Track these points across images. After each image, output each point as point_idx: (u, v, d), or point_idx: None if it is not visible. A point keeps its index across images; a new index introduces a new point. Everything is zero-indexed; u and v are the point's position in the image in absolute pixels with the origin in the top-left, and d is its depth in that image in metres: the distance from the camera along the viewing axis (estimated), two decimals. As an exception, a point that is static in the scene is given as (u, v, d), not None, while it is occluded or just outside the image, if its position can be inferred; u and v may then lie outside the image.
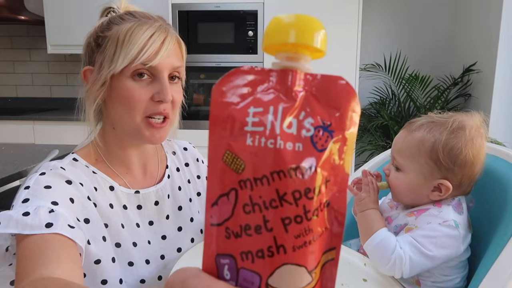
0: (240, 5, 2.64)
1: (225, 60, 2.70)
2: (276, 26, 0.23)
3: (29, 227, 0.57)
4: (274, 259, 0.23)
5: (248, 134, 0.23)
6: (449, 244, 0.70)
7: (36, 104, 3.44)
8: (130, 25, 0.68)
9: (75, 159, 0.75)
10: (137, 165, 0.79)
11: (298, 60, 0.24)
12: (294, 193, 0.22)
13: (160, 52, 0.68)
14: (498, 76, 2.40)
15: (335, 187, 0.24)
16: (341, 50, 2.64)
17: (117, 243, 0.72)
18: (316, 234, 0.23)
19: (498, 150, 0.82)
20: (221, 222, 0.24)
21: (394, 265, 0.69)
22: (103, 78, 0.68)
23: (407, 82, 2.73)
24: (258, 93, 0.23)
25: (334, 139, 0.23)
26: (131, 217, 0.75)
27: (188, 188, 0.86)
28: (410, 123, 0.77)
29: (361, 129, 2.82)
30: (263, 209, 0.23)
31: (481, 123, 0.74)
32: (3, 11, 3.01)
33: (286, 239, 0.22)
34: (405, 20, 3.05)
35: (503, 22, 2.34)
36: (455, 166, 0.71)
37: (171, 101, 0.72)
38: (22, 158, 1.91)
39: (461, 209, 0.74)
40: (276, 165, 0.22)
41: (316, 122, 0.23)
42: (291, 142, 0.23)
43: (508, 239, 0.66)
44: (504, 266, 0.63)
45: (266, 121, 0.23)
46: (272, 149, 0.22)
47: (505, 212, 0.72)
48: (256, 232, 0.23)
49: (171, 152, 0.89)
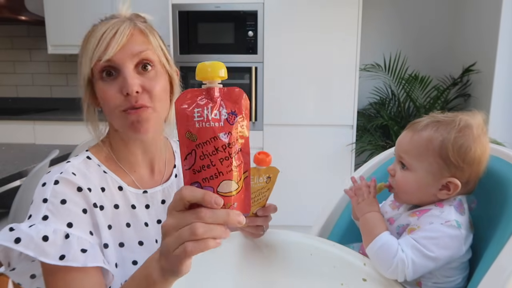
0: (240, 5, 2.64)
1: (225, 60, 2.70)
2: (202, 67, 0.46)
3: (44, 254, 0.63)
4: (218, 179, 0.45)
5: (196, 122, 0.45)
6: (451, 245, 0.70)
7: (36, 104, 3.44)
8: (90, 29, 0.72)
9: (88, 157, 0.77)
10: (143, 163, 0.80)
11: (214, 83, 0.46)
12: (222, 146, 0.45)
13: (111, 45, 0.68)
14: (497, 76, 2.40)
15: (243, 140, 0.47)
16: (341, 50, 2.64)
17: (121, 243, 0.74)
18: (237, 164, 0.46)
19: (498, 150, 0.82)
20: (189, 167, 0.46)
21: (397, 268, 0.69)
22: (82, 85, 0.73)
23: (407, 82, 2.73)
24: (197, 101, 0.46)
25: (238, 117, 0.46)
26: (140, 217, 0.77)
27: None
28: (415, 123, 0.78)
29: (361, 129, 2.82)
30: (209, 156, 0.45)
31: (484, 122, 0.75)
32: (3, 12, 3.01)
33: (222, 168, 0.45)
34: (405, 20, 3.05)
35: (502, 22, 2.34)
36: (464, 164, 0.72)
37: (146, 90, 0.70)
38: (22, 158, 1.91)
39: (462, 209, 0.75)
40: (212, 134, 0.45)
41: (228, 110, 0.46)
42: (217, 122, 0.45)
43: (507, 239, 0.66)
44: (503, 266, 0.63)
45: (203, 114, 0.45)
46: (209, 127, 0.45)
47: (505, 212, 0.72)
48: (207, 168, 0.45)
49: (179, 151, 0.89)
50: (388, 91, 2.97)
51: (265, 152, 0.68)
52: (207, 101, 0.45)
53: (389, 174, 0.81)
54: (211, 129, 0.44)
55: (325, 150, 2.74)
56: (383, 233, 0.73)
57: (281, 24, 2.64)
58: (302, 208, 2.76)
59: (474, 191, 0.80)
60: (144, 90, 0.70)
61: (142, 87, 0.70)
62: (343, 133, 2.72)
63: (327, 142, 2.74)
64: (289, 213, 2.81)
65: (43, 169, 1.70)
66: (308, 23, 2.62)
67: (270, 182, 0.71)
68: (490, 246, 0.71)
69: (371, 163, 1.06)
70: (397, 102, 2.89)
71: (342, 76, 2.67)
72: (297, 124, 2.72)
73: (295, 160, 2.73)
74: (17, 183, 2.05)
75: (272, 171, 0.70)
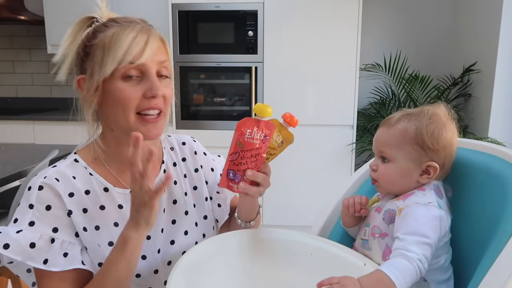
0: (240, 5, 2.64)
1: (225, 60, 2.70)
2: (258, 108, 0.76)
3: (31, 259, 0.70)
4: (245, 170, 0.75)
5: (245, 137, 0.75)
6: (438, 225, 0.74)
7: (36, 104, 3.44)
8: (114, 30, 0.73)
9: (76, 159, 0.81)
10: None
11: (263, 117, 0.76)
12: (255, 154, 0.75)
13: (146, 50, 0.72)
14: (498, 76, 2.40)
15: (268, 154, 0.77)
16: (341, 50, 2.64)
17: (110, 242, 0.77)
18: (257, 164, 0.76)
19: (498, 150, 0.82)
20: (231, 160, 0.76)
21: (420, 271, 0.68)
22: (95, 83, 0.73)
23: (407, 82, 2.73)
24: (250, 125, 0.75)
25: (268, 138, 0.75)
26: (127, 216, 0.78)
27: (184, 183, 0.90)
28: (388, 119, 0.85)
29: (361, 129, 2.82)
30: (245, 158, 0.75)
31: (448, 111, 0.83)
32: (3, 11, 3.01)
33: (249, 165, 0.75)
34: (405, 20, 3.05)
35: (503, 22, 2.34)
36: (439, 147, 0.79)
37: (163, 96, 0.76)
38: (22, 158, 1.91)
39: (440, 193, 0.80)
40: (251, 146, 0.75)
41: (264, 134, 0.75)
42: (257, 140, 0.75)
43: (508, 239, 0.66)
44: (504, 266, 0.63)
45: (251, 134, 0.74)
46: (252, 143, 0.74)
47: (505, 212, 0.72)
48: (242, 164, 0.75)
49: (169, 147, 0.92)
50: (388, 91, 2.97)
51: (293, 114, 0.78)
52: (256, 127, 0.74)
53: (371, 169, 0.85)
54: (252, 144, 0.74)
55: (325, 150, 2.74)
56: (389, 275, 0.67)
57: (281, 24, 2.64)
58: (302, 208, 2.77)
59: (474, 191, 0.80)
60: (162, 95, 0.76)
61: (163, 92, 0.76)
62: (343, 133, 2.72)
63: (327, 142, 2.74)
64: (289, 213, 2.81)
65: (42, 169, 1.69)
66: (308, 22, 2.62)
67: (281, 147, 0.79)
68: (490, 246, 0.71)
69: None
70: (397, 102, 2.89)
71: (342, 76, 2.67)
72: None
73: (295, 160, 2.73)
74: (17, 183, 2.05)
75: (289, 138, 0.79)
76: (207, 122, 2.79)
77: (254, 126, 0.74)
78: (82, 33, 0.78)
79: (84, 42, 0.76)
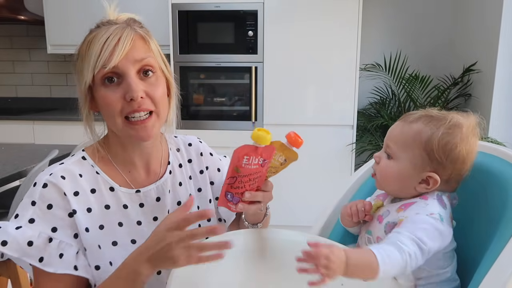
0: (240, 5, 2.64)
1: (225, 60, 2.70)
2: (256, 136, 0.68)
3: (27, 255, 0.70)
4: (244, 192, 0.72)
5: (243, 163, 0.69)
6: (437, 237, 0.70)
7: (36, 104, 3.44)
8: (90, 36, 0.72)
9: (83, 157, 0.80)
10: (139, 164, 0.82)
11: (260, 145, 0.68)
12: (253, 178, 0.71)
13: (115, 52, 0.69)
14: (498, 76, 2.40)
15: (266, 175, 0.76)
16: (341, 50, 2.64)
17: (114, 242, 0.77)
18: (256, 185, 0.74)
19: (498, 150, 0.82)
20: (229, 183, 0.71)
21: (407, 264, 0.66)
22: (82, 92, 0.74)
23: (407, 82, 2.73)
24: (248, 152, 0.68)
25: (267, 161, 0.70)
26: (132, 216, 0.80)
27: (189, 184, 0.89)
28: (408, 115, 0.80)
29: (361, 129, 2.82)
30: (243, 182, 0.71)
31: (476, 124, 0.76)
32: (3, 11, 3.01)
33: (247, 187, 0.72)
34: (405, 20, 3.05)
35: (503, 22, 2.34)
36: (447, 161, 0.73)
37: (149, 96, 0.73)
38: (22, 158, 1.91)
39: (444, 204, 0.76)
40: (249, 172, 0.70)
41: (263, 159, 0.70)
42: (255, 165, 0.70)
43: (508, 239, 0.66)
44: (504, 266, 0.63)
45: (249, 161, 0.69)
46: (249, 168, 0.70)
47: (505, 212, 0.72)
48: (240, 188, 0.72)
49: (175, 149, 0.91)
50: (388, 91, 2.97)
51: (298, 135, 0.72)
52: (254, 153, 0.68)
53: (375, 160, 0.82)
54: (250, 169, 0.69)
55: (325, 150, 2.74)
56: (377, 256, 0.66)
57: (281, 24, 2.63)
58: (302, 208, 2.76)
59: (474, 191, 0.80)
60: (147, 96, 0.73)
61: (145, 92, 0.72)
62: (343, 133, 2.72)
63: (327, 142, 2.73)
64: (289, 213, 2.81)
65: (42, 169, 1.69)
66: (308, 22, 2.62)
67: (284, 165, 0.75)
68: (491, 247, 0.71)
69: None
70: (397, 102, 2.89)
71: (342, 76, 2.67)
72: (297, 124, 2.72)
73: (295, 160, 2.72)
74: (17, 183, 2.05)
75: (292, 156, 0.73)
76: (207, 122, 2.79)
77: (251, 153, 0.68)
78: None
79: (76, 50, 0.76)
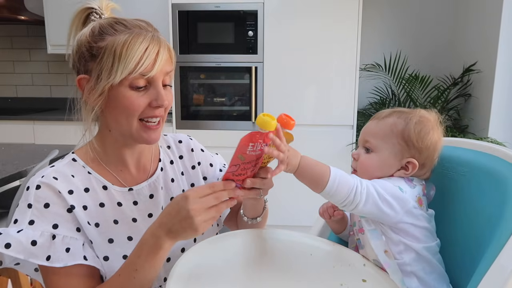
0: (240, 5, 2.64)
1: (225, 60, 2.70)
2: (261, 121, 0.67)
3: (33, 256, 0.70)
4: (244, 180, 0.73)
5: (247, 151, 0.68)
6: (394, 195, 0.76)
7: (36, 104, 3.44)
8: (125, 38, 0.72)
9: (74, 159, 0.82)
10: (131, 162, 0.84)
11: (265, 131, 0.68)
12: (255, 164, 0.72)
13: (156, 64, 0.73)
14: (498, 76, 2.40)
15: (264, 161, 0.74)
16: (341, 50, 2.64)
17: (110, 239, 0.78)
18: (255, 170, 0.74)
19: (498, 150, 0.82)
20: (231, 172, 0.72)
21: (355, 193, 0.73)
22: (101, 89, 0.73)
23: (407, 82, 2.73)
24: (253, 139, 0.68)
25: (266, 145, 0.69)
26: (127, 213, 0.81)
27: (181, 180, 0.91)
28: (379, 113, 0.88)
29: (361, 129, 2.81)
30: (246, 169, 0.71)
31: (438, 118, 0.86)
32: (3, 11, 3.01)
33: (248, 174, 0.73)
34: (405, 20, 3.05)
35: (503, 22, 2.34)
36: (423, 145, 0.81)
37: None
38: (22, 158, 1.91)
39: (411, 183, 0.81)
40: (252, 158, 0.70)
41: (266, 143, 0.68)
42: (260, 150, 0.69)
43: (507, 239, 0.66)
44: (503, 266, 0.63)
45: (254, 148, 0.68)
46: (254, 155, 0.70)
47: (505, 212, 0.72)
48: (242, 175, 0.72)
49: (165, 146, 0.94)
50: (388, 91, 2.97)
51: (290, 116, 0.74)
52: (258, 139, 0.68)
53: (353, 158, 0.88)
54: (253, 155, 0.69)
55: (325, 150, 2.74)
56: (331, 169, 0.76)
57: (281, 24, 2.64)
58: (302, 208, 2.76)
59: (474, 191, 0.80)
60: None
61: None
62: (343, 133, 2.72)
63: (327, 142, 2.74)
64: (289, 213, 2.81)
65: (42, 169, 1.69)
66: (308, 23, 2.62)
67: None
68: (490, 246, 0.71)
69: None
70: (397, 102, 2.89)
71: (342, 76, 2.67)
72: (297, 124, 2.69)
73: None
74: (17, 183, 2.05)
75: (288, 137, 0.75)
76: (207, 122, 2.79)
77: (256, 139, 0.69)
78: (80, 24, 0.81)
79: (89, 42, 0.74)
